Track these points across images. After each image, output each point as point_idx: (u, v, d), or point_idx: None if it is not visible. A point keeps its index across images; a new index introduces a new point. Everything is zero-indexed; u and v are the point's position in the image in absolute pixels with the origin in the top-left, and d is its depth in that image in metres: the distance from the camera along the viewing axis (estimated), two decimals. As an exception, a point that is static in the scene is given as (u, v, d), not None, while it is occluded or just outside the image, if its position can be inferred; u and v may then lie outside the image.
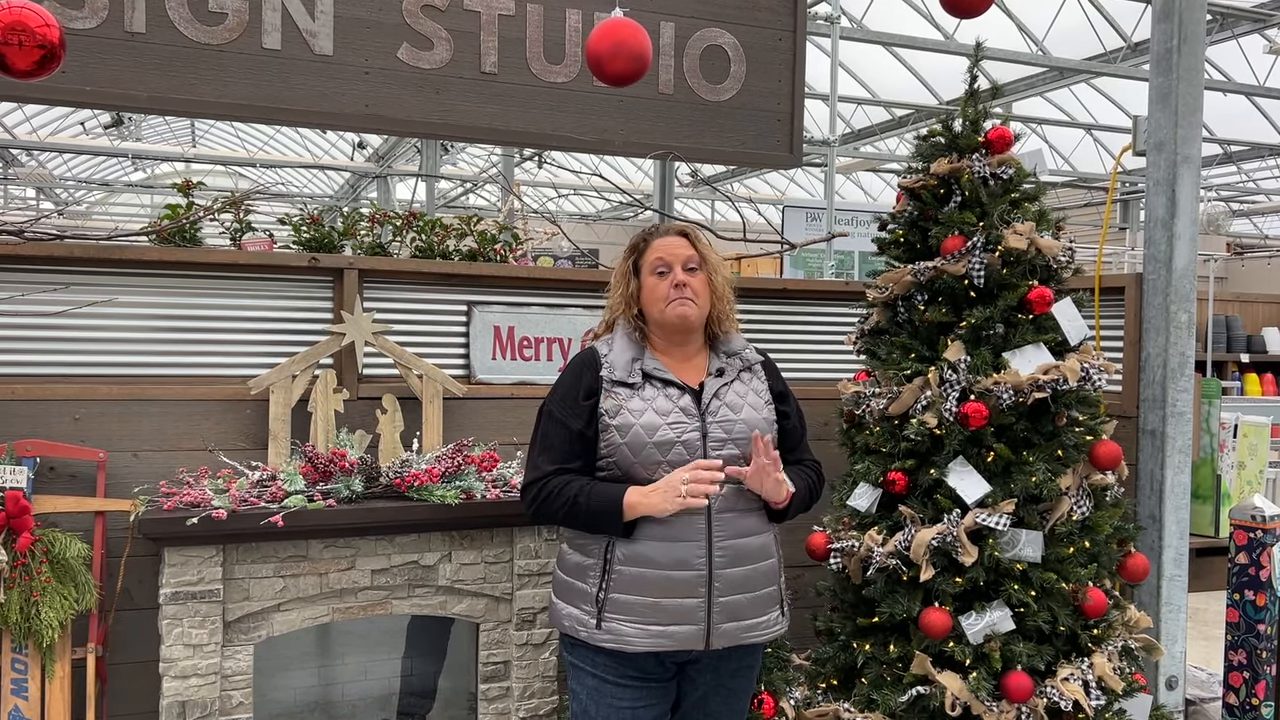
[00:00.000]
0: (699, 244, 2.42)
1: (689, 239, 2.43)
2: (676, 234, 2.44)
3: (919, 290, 2.96)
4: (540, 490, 2.31)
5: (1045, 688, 2.64)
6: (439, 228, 3.41)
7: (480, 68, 3.30)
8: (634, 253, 2.45)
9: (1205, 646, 5.45)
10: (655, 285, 2.38)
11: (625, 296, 2.43)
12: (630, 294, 2.42)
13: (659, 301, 2.37)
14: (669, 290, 2.35)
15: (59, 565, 2.59)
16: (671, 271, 2.36)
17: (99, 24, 2.91)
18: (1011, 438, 2.79)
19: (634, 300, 2.42)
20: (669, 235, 2.43)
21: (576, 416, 2.33)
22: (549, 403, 2.40)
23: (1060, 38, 10.86)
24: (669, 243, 2.41)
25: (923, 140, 3.08)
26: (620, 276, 2.46)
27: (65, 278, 2.84)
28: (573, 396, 2.35)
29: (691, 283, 2.36)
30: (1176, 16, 3.05)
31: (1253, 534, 3.20)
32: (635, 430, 2.27)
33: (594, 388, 2.34)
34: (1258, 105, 12.77)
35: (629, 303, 2.42)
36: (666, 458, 2.26)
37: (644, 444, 2.26)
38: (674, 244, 2.41)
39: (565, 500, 2.27)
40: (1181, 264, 3.07)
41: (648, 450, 2.26)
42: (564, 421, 2.34)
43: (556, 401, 2.38)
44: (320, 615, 2.79)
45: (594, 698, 2.34)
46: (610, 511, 2.24)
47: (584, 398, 2.34)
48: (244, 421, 2.96)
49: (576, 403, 2.34)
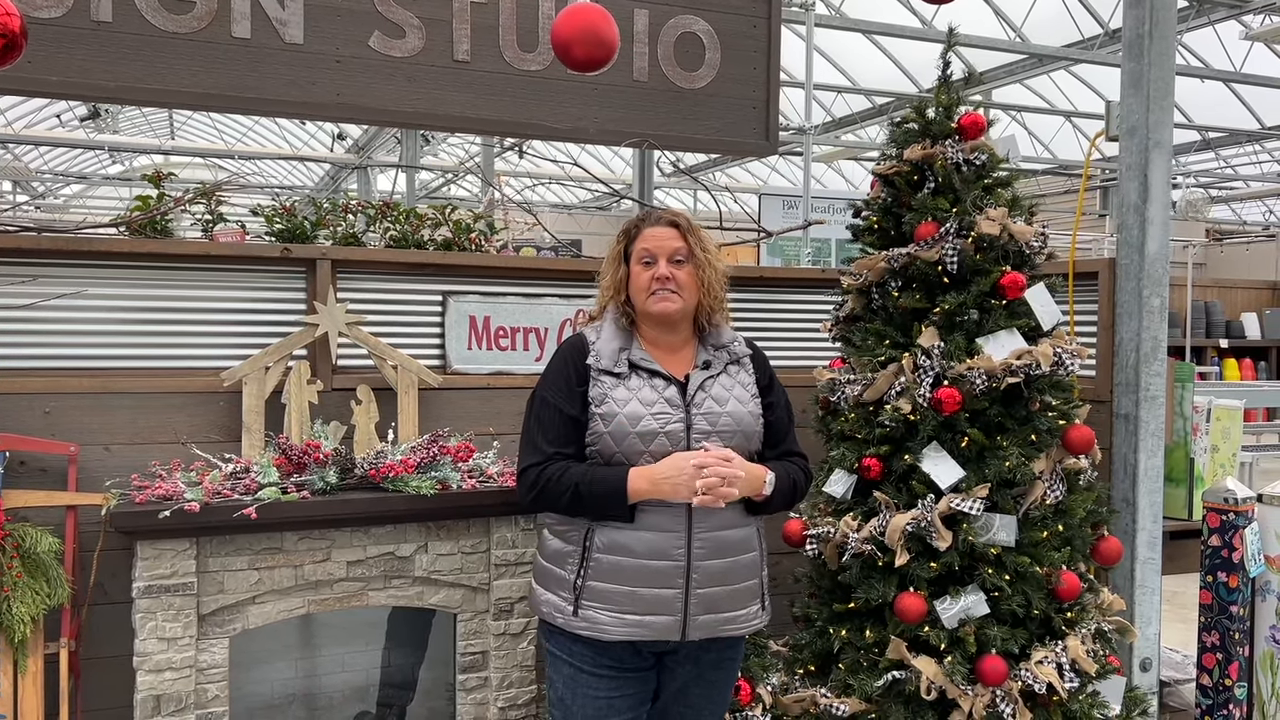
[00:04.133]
0: (690, 236, 2.38)
1: (680, 229, 2.38)
2: (668, 224, 2.39)
3: (893, 276, 2.96)
4: (539, 475, 2.28)
5: (1020, 671, 2.66)
6: (413, 217, 3.39)
7: (453, 56, 3.28)
8: (626, 238, 2.43)
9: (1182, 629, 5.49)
10: (639, 275, 2.36)
11: (614, 282, 2.41)
12: (619, 280, 2.41)
13: (642, 291, 2.35)
14: (651, 282, 2.34)
15: (30, 560, 2.57)
16: (656, 263, 2.34)
17: (64, 13, 2.87)
18: (985, 423, 2.80)
19: (622, 286, 2.41)
20: (660, 224, 2.39)
21: (571, 402, 2.31)
22: (540, 389, 2.38)
23: (1039, 25, 10.89)
24: (658, 233, 2.38)
25: (896, 126, 3.09)
26: (611, 260, 2.44)
27: (34, 270, 2.81)
28: (566, 382, 2.33)
29: (677, 275, 2.34)
30: (1148, 2, 3.06)
31: (1225, 517, 3.23)
32: (619, 419, 2.26)
33: (584, 374, 2.33)
34: (1235, 92, 12.84)
35: (618, 289, 2.41)
36: (649, 448, 2.26)
37: (627, 433, 2.25)
38: (663, 234, 2.37)
39: (567, 486, 2.25)
40: (1154, 249, 3.09)
41: (630, 440, 2.26)
42: (558, 406, 2.31)
43: (549, 387, 2.36)
44: (296, 607, 2.78)
45: (570, 687, 2.34)
46: (613, 495, 2.22)
47: (576, 384, 2.32)
48: (217, 414, 2.94)
49: (570, 388, 2.32)
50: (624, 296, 2.41)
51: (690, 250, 2.37)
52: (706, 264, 2.38)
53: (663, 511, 2.25)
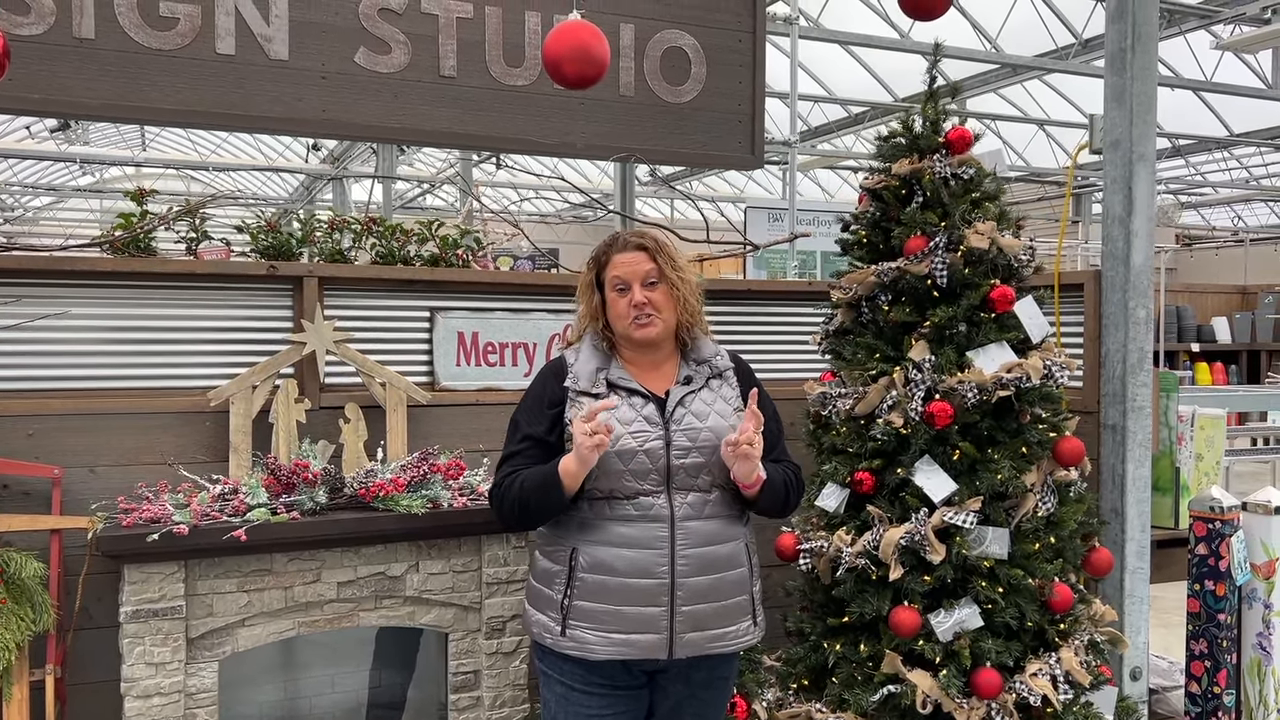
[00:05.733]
0: (659, 257, 2.36)
1: (649, 252, 2.37)
2: (635, 248, 2.37)
3: (883, 290, 2.97)
4: (498, 494, 2.33)
5: (1014, 683, 2.67)
6: (400, 232, 3.36)
7: (439, 71, 3.27)
8: (596, 265, 2.43)
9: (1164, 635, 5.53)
10: (616, 301, 2.36)
11: (590, 310, 2.42)
12: (594, 307, 2.42)
13: (621, 319, 2.36)
14: (628, 309, 2.33)
15: (14, 585, 2.53)
16: (630, 290, 2.34)
17: (46, 30, 2.84)
18: (976, 436, 2.81)
19: (599, 313, 2.41)
20: (628, 250, 2.38)
21: (539, 423, 2.34)
22: (517, 412, 2.42)
23: (1013, 35, 11.00)
24: (627, 259, 2.36)
25: (884, 141, 3.10)
26: (584, 289, 2.45)
27: (16, 290, 2.77)
28: (538, 404, 2.37)
29: (652, 298, 2.33)
30: (1130, 16, 3.09)
31: (1211, 525, 3.25)
32: None
33: (559, 397, 2.34)
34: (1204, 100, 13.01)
35: (594, 315, 2.42)
36: (629, 466, 2.25)
37: (606, 453, 2.24)
38: (632, 260, 2.36)
39: (515, 493, 2.27)
40: (1139, 260, 3.12)
41: (610, 459, 2.24)
42: (526, 429, 2.35)
43: (523, 411, 2.40)
44: (286, 629, 2.75)
45: (563, 705, 2.33)
46: (548, 484, 2.22)
47: (548, 406, 2.35)
48: (204, 434, 2.90)
49: (541, 410, 2.35)
50: (602, 322, 2.42)
51: (661, 271, 2.35)
52: (680, 281, 2.37)
53: (645, 528, 2.24)
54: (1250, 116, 13.44)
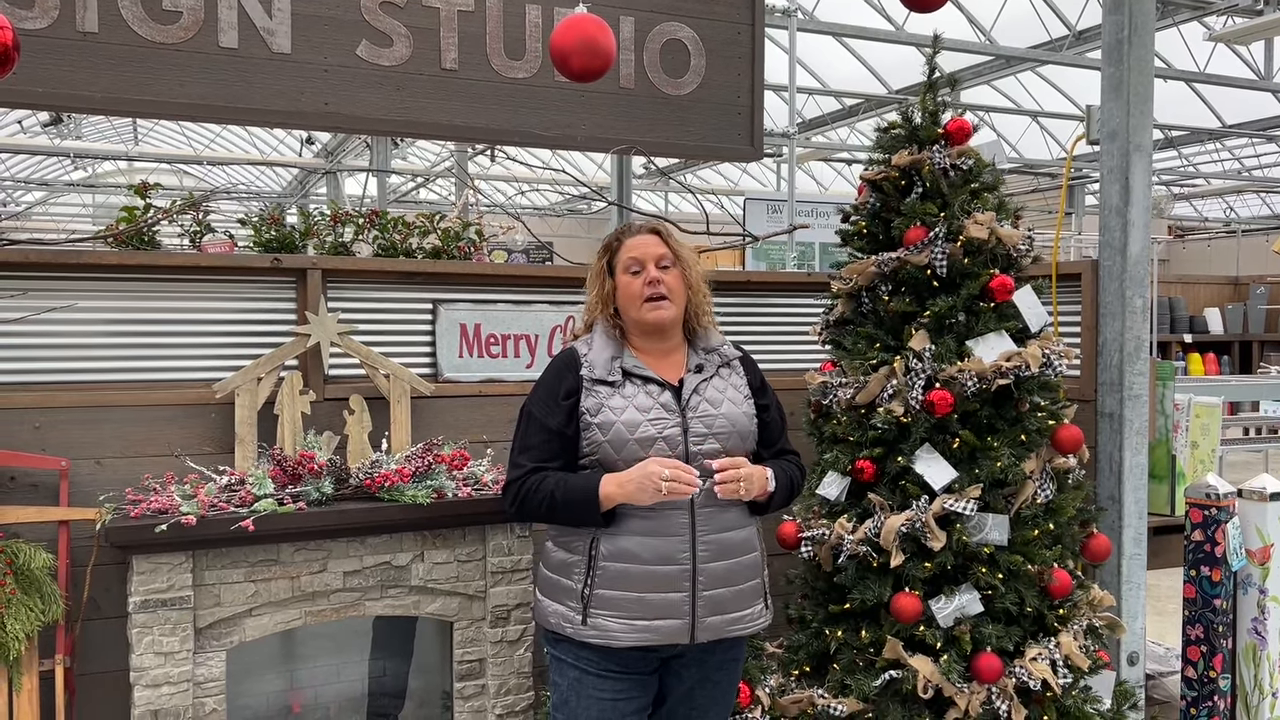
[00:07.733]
0: (671, 241, 2.44)
1: (661, 236, 2.44)
2: (649, 232, 2.45)
3: (883, 281, 3.00)
4: (520, 489, 2.33)
5: (1014, 668, 2.70)
6: (401, 226, 3.38)
7: (441, 64, 3.28)
8: (608, 252, 2.47)
9: (1159, 621, 5.59)
10: (629, 284, 2.39)
11: (601, 296, 2.45)
12: (606, 294, 2.44)
13: (634, 300, 2.38)
14: (643, 288, 2.36)
15: (23, 576, 2.55)
16: (645, 270, 2.38)
17: (50, 24, 2.84)
18: (976, 424, 2.84)
19: (610, 299, 2.44)
20: (641, 234, 2.45)
21: (555, 415, 2.35)
22: (529, 403, 2.41)
23: (1007, 27, 11.03)
24: (641, 241, 2.43)
25: (883, 132, 3.12)
26: (595, 276, 2.48)
27: (22, 284, 2.78)
28: (552, 396, 2.37)
29: (666, 280, 2.38)
30: (1127, 8, 3.12)
31: (1207, 512, 3.29)
32: (617, 428, 2.29)
33: (574, 387, 2.36)
34: (1197, 91, 13.06)
35: (605, 302, 2.44)
36: (648, 453, 2.28)
37: (626, 441, 2.28)
38: (647, 242, 2.42)
39: (543, 496, 2.29)
40: (1136, 250, 3.15)
41: (630, 447, 2.28)
42: (542, 420, 2.36)
43: (536, 402, 2.40)
44: (292, 619, 2.77)
45: (575, 688, 2.35)
46: (587, 502, 2.26)
47: (564, 397, 2.36)
48: (209, 426, 2.92)
49: (556, 402, 2.36)
50: (612, 309, 2.44)
51: (675, 255, 2.42)
52: (690, 267, 2.44)
53: (667, 516, 2.27)
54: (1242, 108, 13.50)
